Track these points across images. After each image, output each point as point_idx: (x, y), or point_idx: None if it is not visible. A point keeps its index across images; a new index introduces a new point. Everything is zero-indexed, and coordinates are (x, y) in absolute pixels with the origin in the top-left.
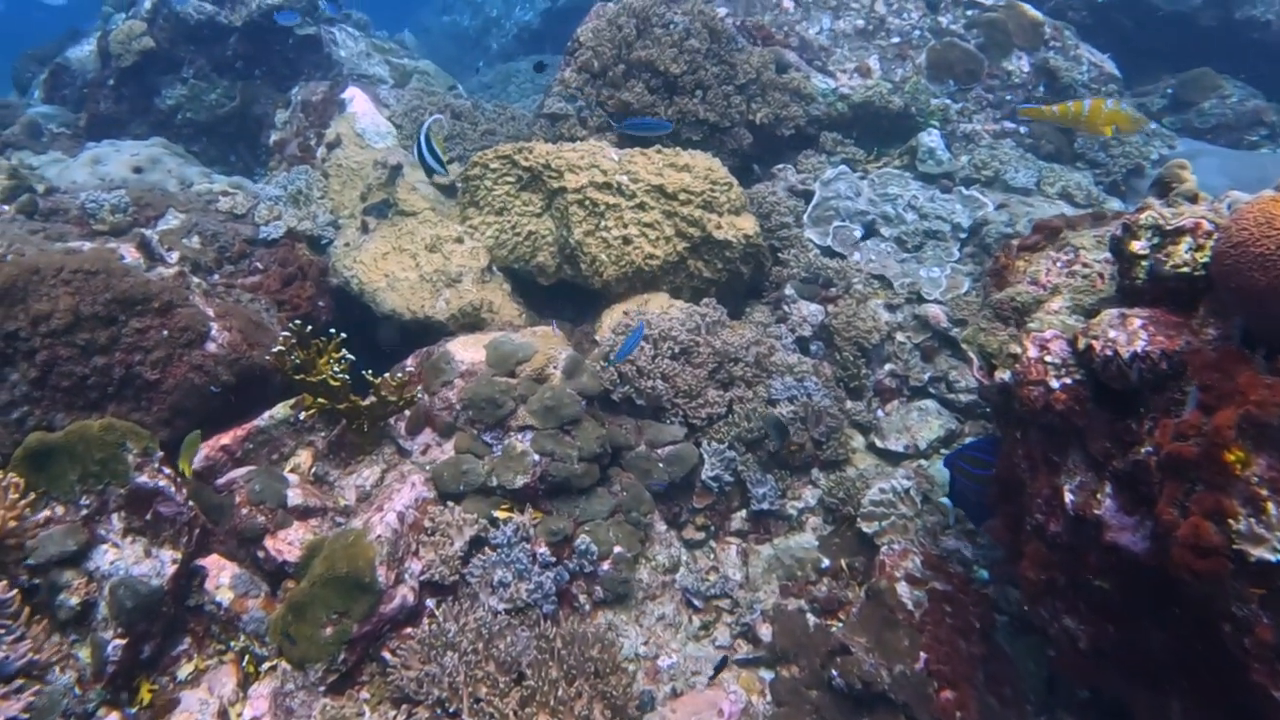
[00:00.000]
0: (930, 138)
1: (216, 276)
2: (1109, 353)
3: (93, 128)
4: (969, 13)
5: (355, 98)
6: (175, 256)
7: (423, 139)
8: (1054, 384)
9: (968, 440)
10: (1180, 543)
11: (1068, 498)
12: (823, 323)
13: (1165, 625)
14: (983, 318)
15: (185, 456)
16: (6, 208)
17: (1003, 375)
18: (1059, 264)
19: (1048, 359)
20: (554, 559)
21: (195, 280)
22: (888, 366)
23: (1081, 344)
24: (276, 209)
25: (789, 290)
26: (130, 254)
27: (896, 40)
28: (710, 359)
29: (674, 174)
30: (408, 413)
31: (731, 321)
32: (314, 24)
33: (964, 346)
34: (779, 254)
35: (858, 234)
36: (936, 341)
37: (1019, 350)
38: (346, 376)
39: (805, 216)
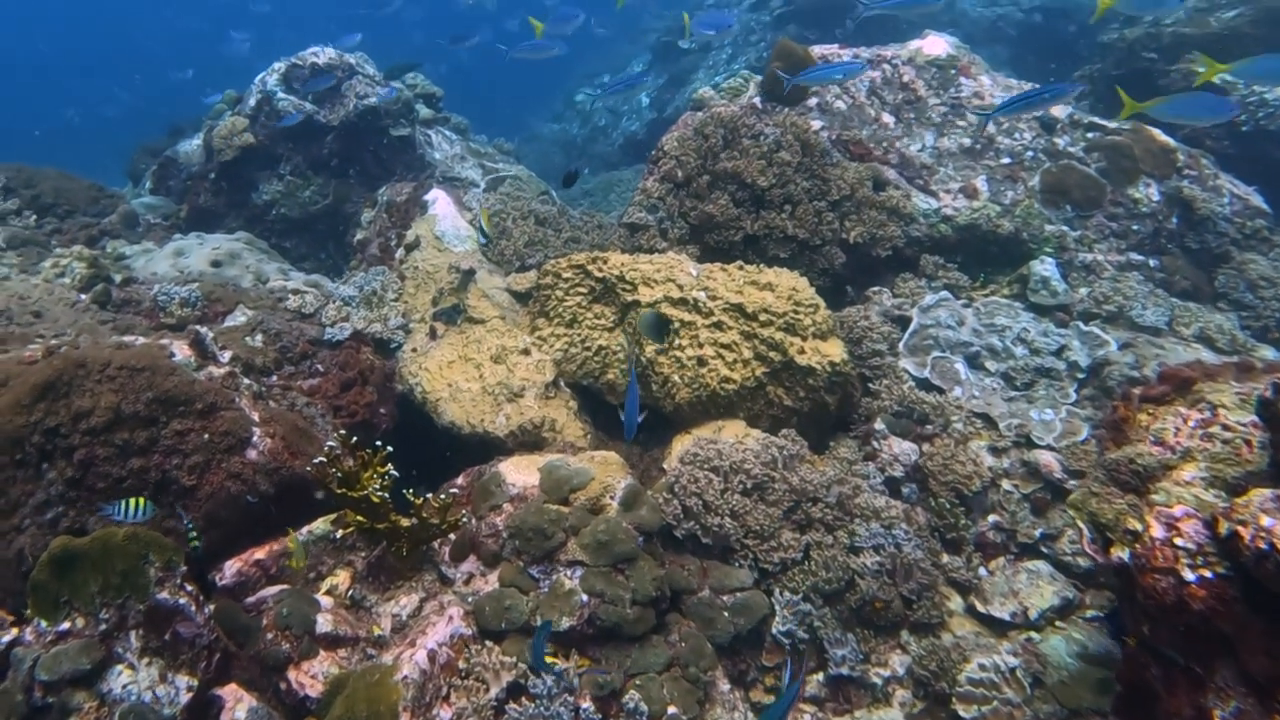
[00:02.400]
0: (1044, 266)
1: (274, 377)
2: (1264, 545)
3: (192, 219)
4: (1089, 135)
5: (438, 199)
6: (228, 355)
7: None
8: (1188, 575)
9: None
10: None
11: None
12: (916, 463)
13: None
14: (1095, 479)
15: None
16: (83, 296)
17: (1120, 554)
18: (1192, 423)
19: (1178, 542)
20: (599, 717)
21: (246, 382)
22: (991, 518)
23: (1224, 528)
24: (344, 310)
25: (879, 425)
26: (182, 351)
27: (1007, 161)
28: (787, 497)
29: (755, 292)
30: (453, 536)
31: (813, 456)
32: (409, 125)
33: (1072, 513)
34: (869, 384)
35: (960, 367)
36: (1049, 494)
37: (1140, 527)
38: (387, 495)
39: (901, 345)
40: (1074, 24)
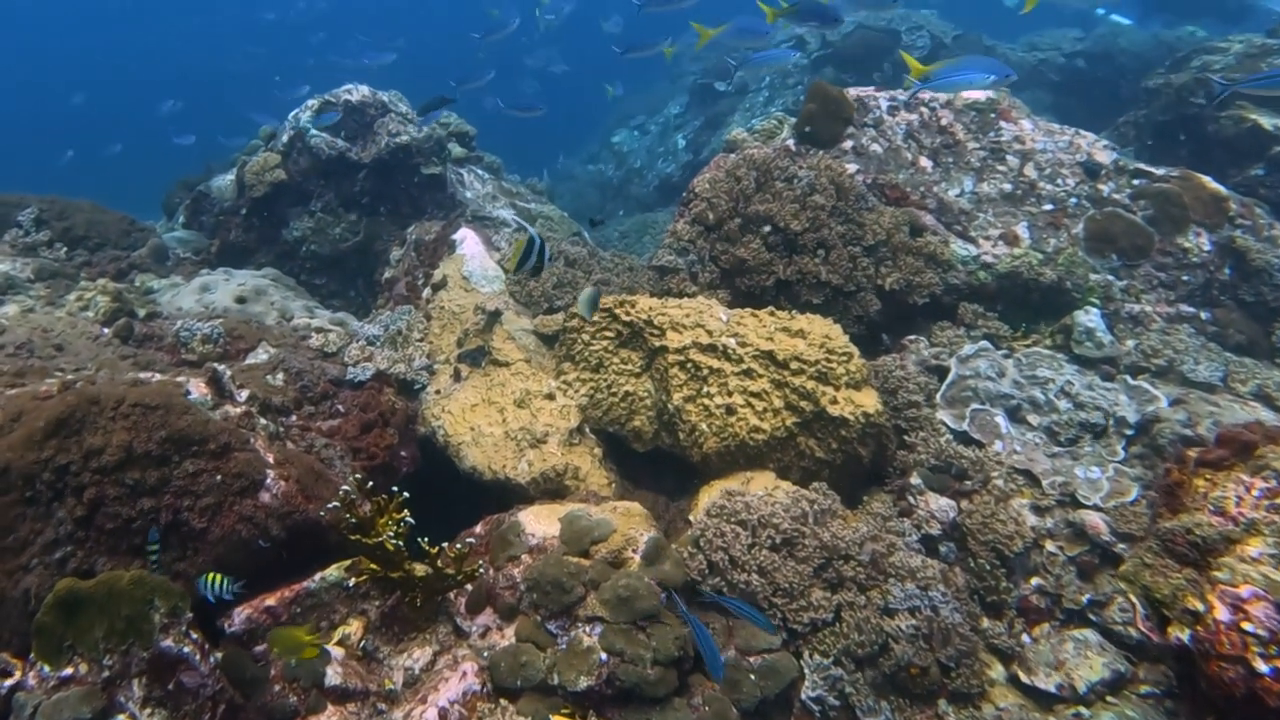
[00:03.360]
0: (1089, 317)
1: (294, 417)
2: None
3: (223, 255)
4: (1135, 182)
5: (467, 239)
6: (245, 394)
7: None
8: (1260, 666)
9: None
10: None
11: None
12: (954, 521)
13: None
14: (1148, 549)
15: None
16: (106, 330)
17: (1179, 635)
18: (1256, 492)
19: (1247, 628)
20: None
21: (262, 422)
22: (1035, 581)
23: None
24: (368, 350)
25: (915, 479)
26: (198, 389)
27: (1049, 208)
28: (817, 553)
29: (786, 339)
30: (470, 587)
31: (845, 511)
32: (440, 164)
33: (1123, 586)
34: (905, 436)
35: (1000, 420)
36: (1097, 557)
37: (1201, 606)
38: (401, 543)
39: (938, 396)
40: (1118, 69)
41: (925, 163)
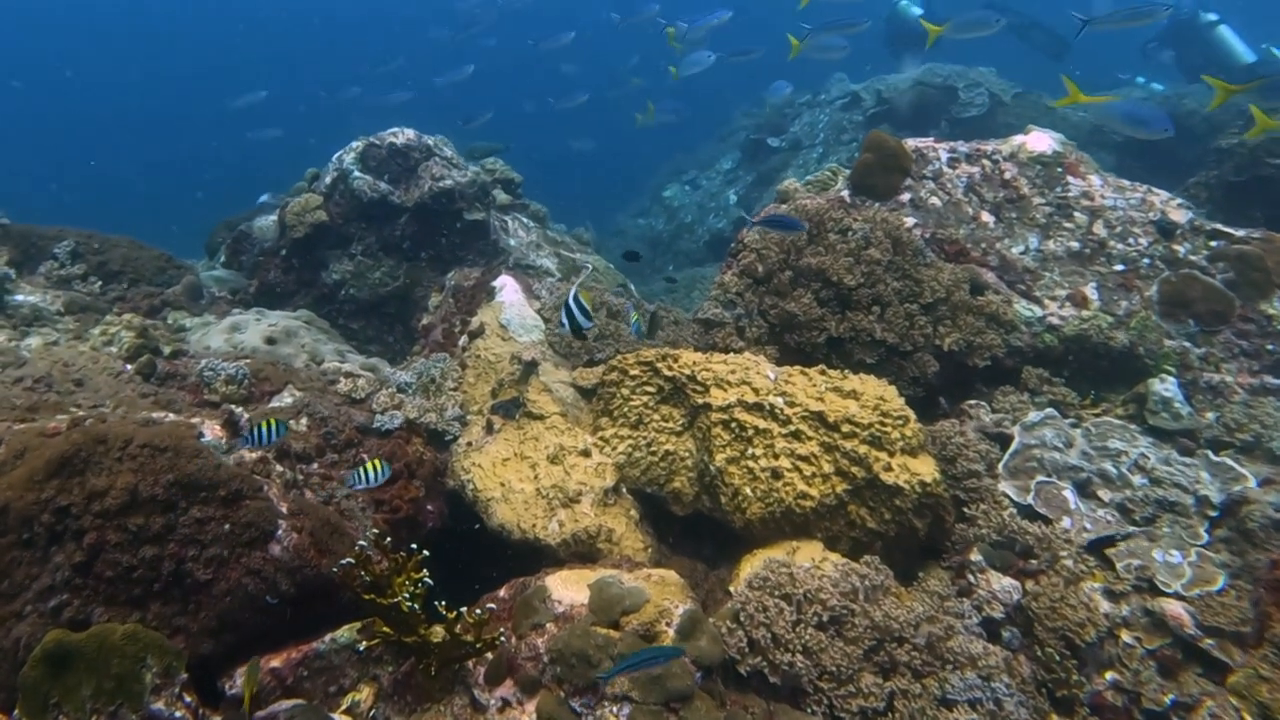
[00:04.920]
0: (1165, 386)
1: (315, 465)
2: None
3: (261, 296)
4: (1213, 243)
5: (506, 286)
6: None
7: (572, 297)
8: None
9: None
10: None
11: None
12: (1019, 604)
13: None
14: (1264, 659)
15: (247, 687)
16: (129, 367)
17: None
18: None
19: None
20: None
21: (278, 469)
22: (1109, 676)
23: None
24: (397, 397)
25: (976, 556)
26: (212, 431)
27: (1120, 268)
28: (868, 634)
29: (838, 400)
30: (490, 656)
31: (898, 588)
32: (484, 210)
33: (1234, 701)
34: (964, 508)
35: (1068, 495)
36: (1180, 652)
37: None
38: (417, 605)
39: (1001, 466)
40: (1184, 131)
41: (987, 218)
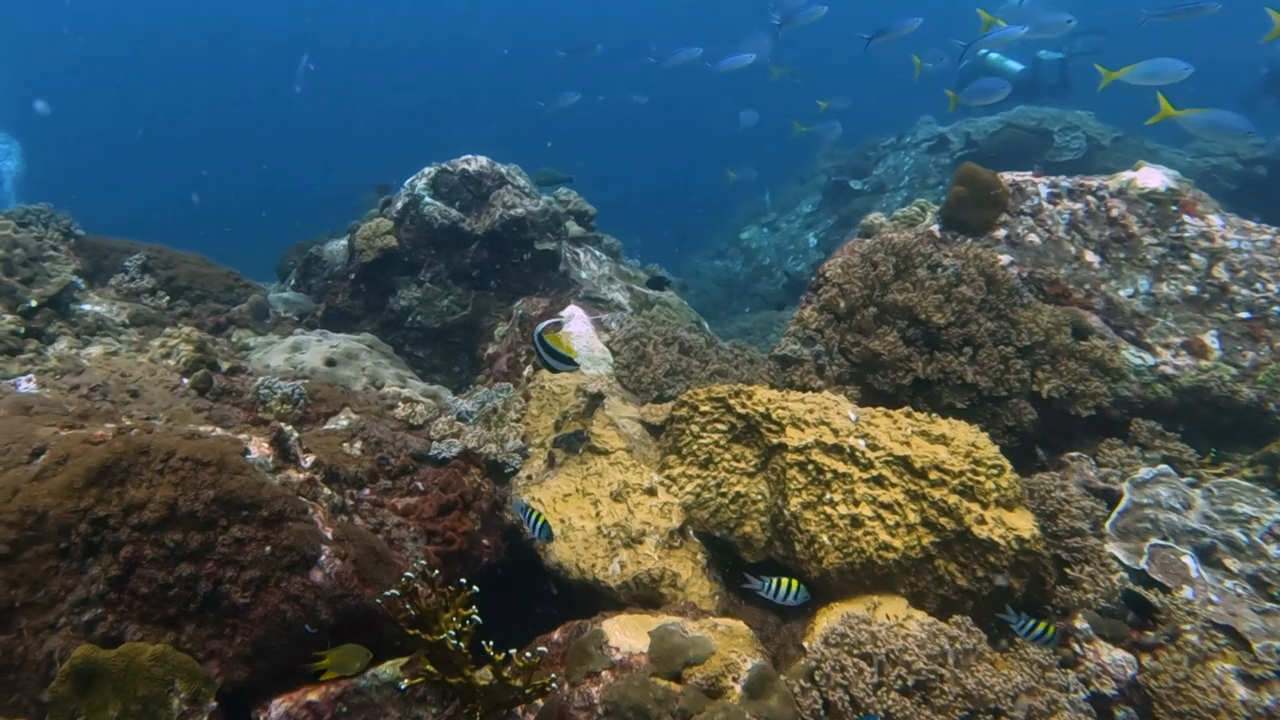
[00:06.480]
0: None
1: (366, 491)
2: None
3: (328, 319)
4: None
5: (575, 316)
6: (310, 460)
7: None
8: None
9: None
10: None
11: None
12: (1134, 680)
13: None
14: None
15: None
16: (185, 380)
17: None
18: None
19: None
20: None
21: (326, 492)
22: None
23: None
24: (456, 425)
25: (1082, 623)
26: (259, 449)
27: (1245, 315)
28: (959, 703)
29: (925, 445)
30: (540, 703)
31: (993, 654)
32: (555, 240)
33: None
34: (1066, 569)
35: (1189, 561)
36: None
37: None
38: (463, 644)
39: (1108, 525)
40: None
41: (1091, 257)
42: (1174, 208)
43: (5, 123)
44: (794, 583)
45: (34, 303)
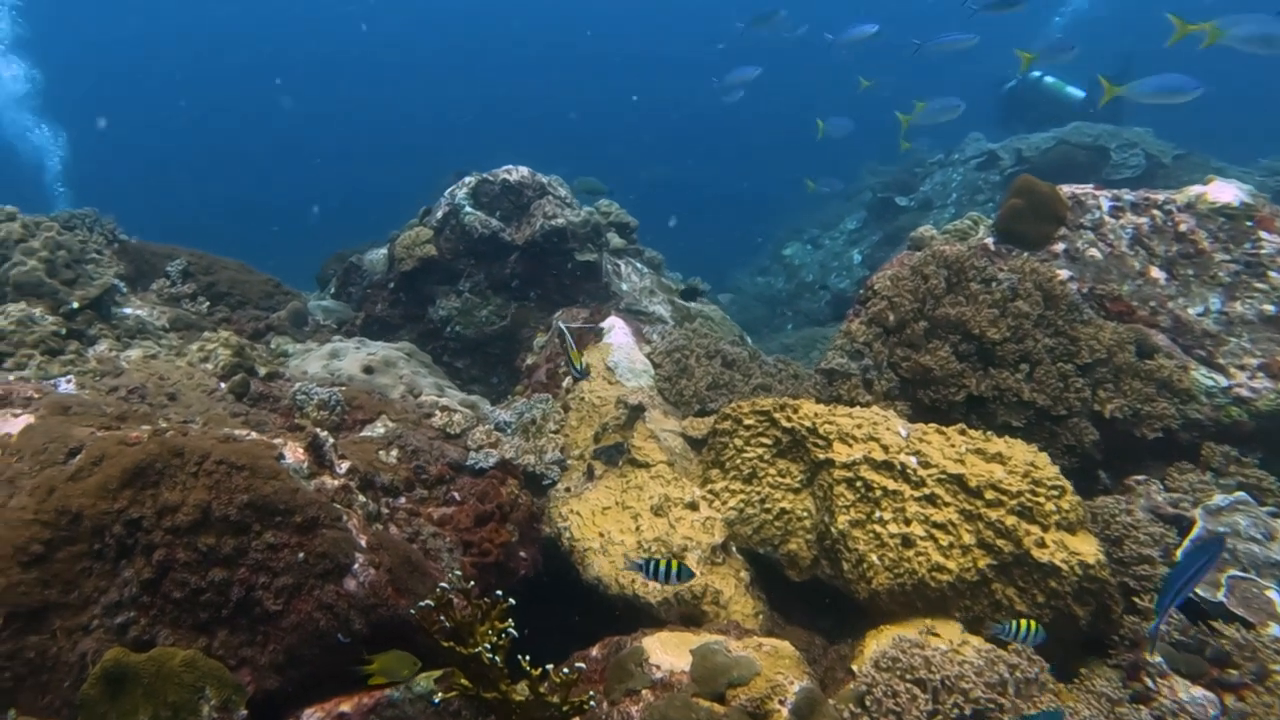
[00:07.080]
0: None
1: (402, 499)
2: None
3: (367, 328)
4: None
5: (615, 328)
6: (345, 466)
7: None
8: None
9: None
10: None
11: None
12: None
13: None
14: None
15: None
16: (223, 385)
17: None
18: None
19: None
20: None
21: (361, 499)
22: None
23: None
24: (494, 435)
25: (1155, 656)
26: (294, 455)
27: None
28: None
29: (980, 464)
30: None
31: (1057, 685)
32: (596, 251)
33: None
34: (1134, 598)
35: (1275, 596)
36: None
37: None
38: (498, 658)
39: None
40: None
41: (1157, 273)
42: (1249, 223)
43: (52, 115)
44: (1033, 624)
45: (76, 304)
